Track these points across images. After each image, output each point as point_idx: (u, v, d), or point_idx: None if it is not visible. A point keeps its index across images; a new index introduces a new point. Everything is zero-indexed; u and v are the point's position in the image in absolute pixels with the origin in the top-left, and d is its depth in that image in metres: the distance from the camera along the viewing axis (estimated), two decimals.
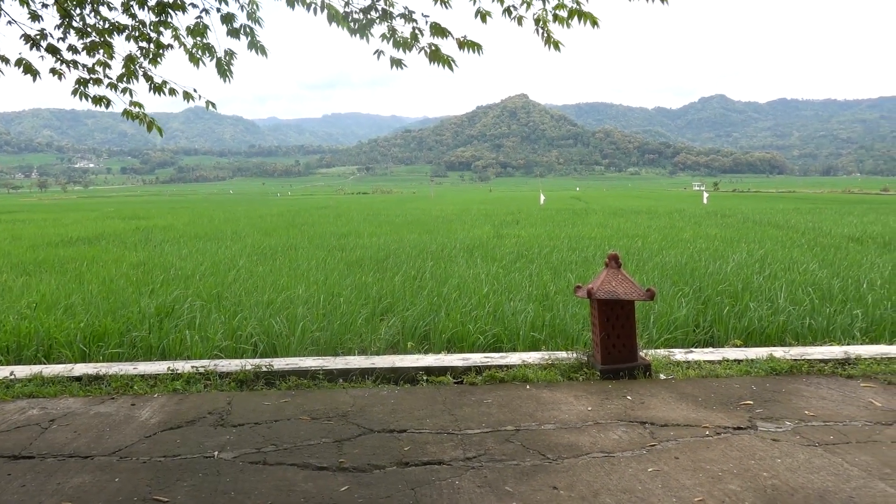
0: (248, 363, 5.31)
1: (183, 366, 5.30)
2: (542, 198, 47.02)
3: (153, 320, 6.80)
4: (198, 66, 5.43)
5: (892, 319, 6.79)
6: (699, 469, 3.34)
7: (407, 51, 4.71)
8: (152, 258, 12.74)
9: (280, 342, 6.23)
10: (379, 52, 4.77)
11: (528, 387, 4.80)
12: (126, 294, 8.34)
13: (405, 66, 4.91)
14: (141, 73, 5.48)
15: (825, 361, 5.26)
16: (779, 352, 5.48)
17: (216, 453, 3.65)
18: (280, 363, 5.35)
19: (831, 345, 5.99)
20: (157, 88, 5.51)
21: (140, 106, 5.63)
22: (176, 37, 5.41)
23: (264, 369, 5.17)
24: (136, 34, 5.36)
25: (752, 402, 4.35)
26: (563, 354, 5.44)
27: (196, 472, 3.41)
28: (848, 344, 6.05)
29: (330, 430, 3.99)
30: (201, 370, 5.17)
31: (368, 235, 18.28)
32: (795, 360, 5.25)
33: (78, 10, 5.27)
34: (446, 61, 4.65)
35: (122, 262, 12.10)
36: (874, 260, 11.06)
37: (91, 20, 5.27)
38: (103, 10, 5.29)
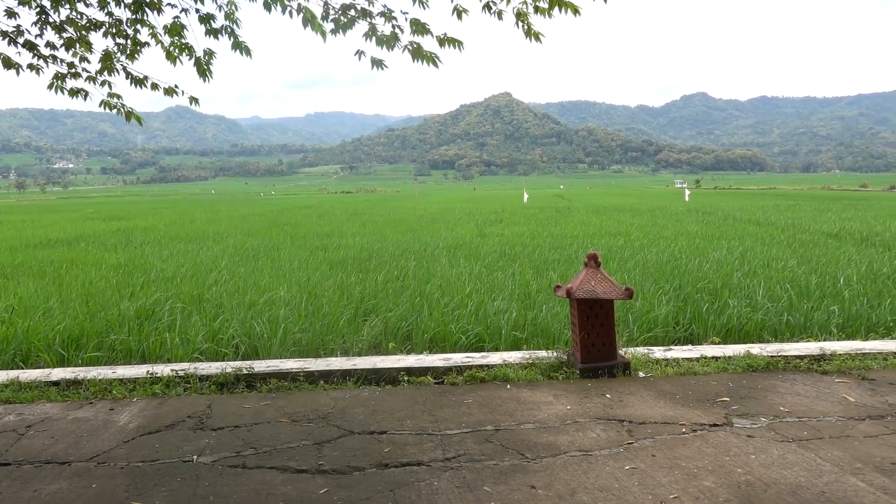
0: (229, 366, 5.29)
1: (162, 369, 5.26)
2: (526, 196, 47.20)
3: (133, 323, 6.75)
4: (174, 65, 5.39)
5: (867, 315, 6.90)
6: (675, 466, 3.38)
7: (389, 49, 4.69)
8: (133, 260, 12.62)
9: (261, 344, 6.21)
10: (360, 53, 4.74)
11: (508, 386, 4.83)
12: (106, 297, 8.26)
13: (386, 66, 4.89)
14: (120, 67, 5.44)
15: (801, 358, 5.35)
16: (756, 348, 5.56)
17: (195, 457, 3.64)
18: (261, 365, 5.33)
19: (808, 341, 6.08)
20: (139, 82, 5.46)
21: (119, 97, 5.58)
22: (153, 35, 5.37)
23: (245, 372, 5.15)
24: (114, 31, 5.32)
25: (728, 399, 4.41)
26: (543, 354, 5.48)
27: (174, 477, 3.39)
28: (824, 340, 6.15)
29: (310, 432, 3.99)
30: (181, 373, 5.14)
31: (352, 235, 18.24)
32: (772, 356, 5.33)
33: (53, 6, 5.22)
34: (430, 58, 4.63)
35: (102, 264, 11.97)
36: (851, 256, 11.23)
37: (63, 13, 5.22)
38: (80, 6, 5.24)
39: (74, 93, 5.37)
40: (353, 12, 4.65)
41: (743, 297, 7.64)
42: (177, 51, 5.34)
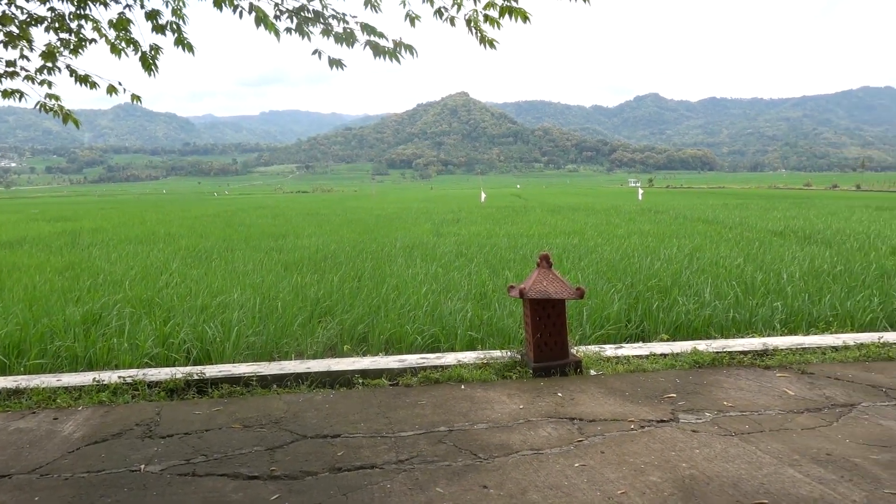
0: (179, 371, 5.19)
1: (110, 376, 5.13)
2: (483, 195, 47.42)
3: (79, 329, 6.55)
4: (119, 57, 5.27)
5: (808, 311, 7.16)
6: (623, 462, 3.46)
7: (349, 46, 4.66)
8: (79, 263, 12.24)
9: (214, 348, 6.11)
10: (318, 52, 4.70)
11: (462, 387, 4.87)
12: (50, 301, 8.00)
13: (345, 66, 4.86)
14: (64, 65, 5.29)
15: (745, 353, 5.53)
16: (702, 345, 5.72)
17: (143, 466, 3.57)
18: (212, 370, 5.25)
19: (752, 337, 6.29)
20: (82, 79, 5.31)
21: (56, 98, 5.42)
22: (96, 29, 5.23)
23: (196, 377, 5.06)
24: (56, 25, 5.17)
25: (675, 395, 4.54)
26: (497, 353, 5.53)
27: (121, 488, 3.32)
28: (768, 335, 6.37)
29: (262, 437, 3.95)
30: (129, 380, 5.02)
31: (307, 236, 18.06)
32: (717, 352, 5.49)
33: None
34: (391, 54, 4.62)
35: (47, 267, 11.58)
36: (795, 253, 11.63)
37: (0, 9, 5.04)
38: (19, 0, 5.08)
39: (8, 94, 5.19)
40: (305, 13, 4.62)
41: (692, 294, 7.85)
42: (123, 44, 5.23)
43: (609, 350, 5.70)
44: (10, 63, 5.20)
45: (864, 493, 3.09)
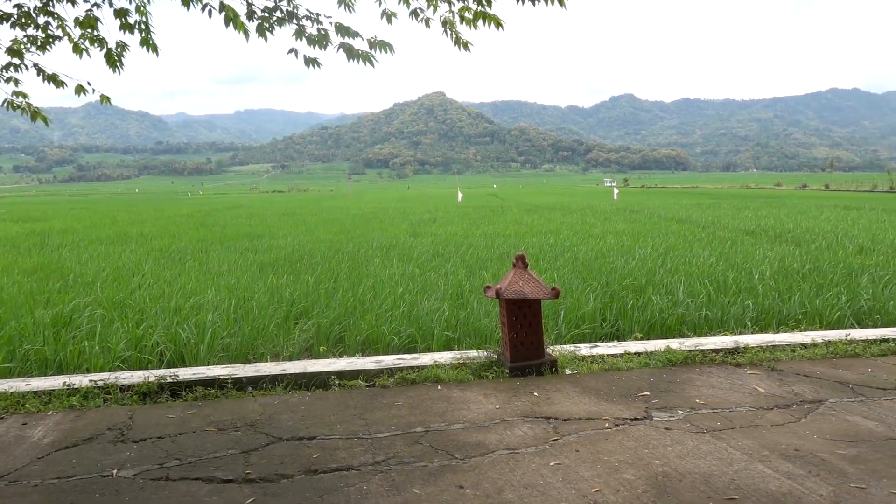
0: (152, 374, 5.13)
1: (81, 380, 5.05)
2: (460, 195, 47.48)
3: (49, 332, 6.43)
4: (81, 57, 5.21)
5: (778, 309, 7.30)
6: (598, 461, 3.50)
7: (322, 48, 4.66)
8: (49, 264, 12.01)
9: (188, 350, 6.04)
10: (294, 51, 4.69)
11: (439, 387, 4.88)
12: (18, 304, 7.84)
13: (320, 64, 4.84)
14: (31, 63, 5.20)
15: (717, 351, 5.62)
16: (675, 343, 5.80)
17: (115, 471, 3.52)
18: (186, 373, 5.19)
19: (724, 335, 6.39)
20: (50, 78, 5.23)
21: (24, 96, 5.33)
22: (61, 26, 5.16)
23: (169, 380, 5.01)
24: (23, 21, 5.08)
25: (649, 393, 4.60)
26: (474, 353, 5.55)
27: (92, 493, 3.27)
28: (739, 333, 6.48)
29: (237, 440, 3.92)
30: (100, 383, 4.94)
31: (283, 236, 17.92)
32: (690, 350, 5.58)
33: None
34: (365, 57, 4.63)
35: (14, 268, 11.35)
36: (766, 252, 11.83)
37: None
38: None
39: None
40: (278, 14, 4.60)
41: (665, 293, 7.95)
42: (87, 42, 5.15)
43: (584, 349, 5.75)
44: None
45: (831, 487, 3.16)
